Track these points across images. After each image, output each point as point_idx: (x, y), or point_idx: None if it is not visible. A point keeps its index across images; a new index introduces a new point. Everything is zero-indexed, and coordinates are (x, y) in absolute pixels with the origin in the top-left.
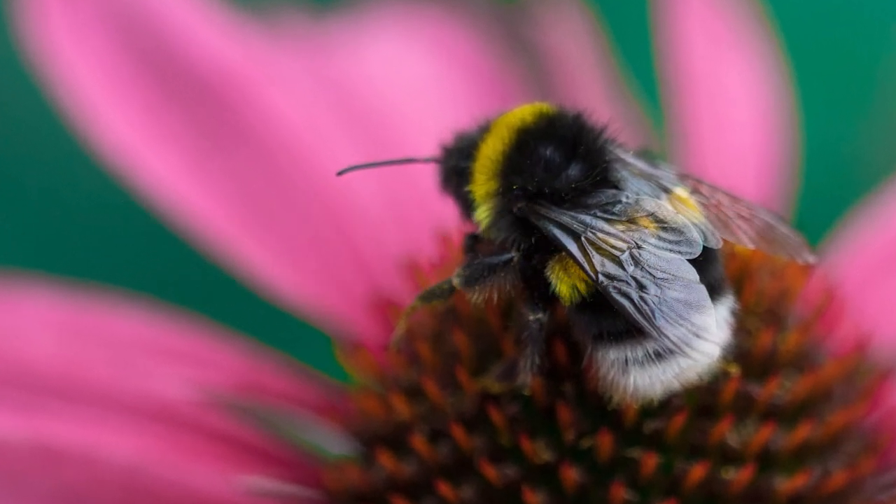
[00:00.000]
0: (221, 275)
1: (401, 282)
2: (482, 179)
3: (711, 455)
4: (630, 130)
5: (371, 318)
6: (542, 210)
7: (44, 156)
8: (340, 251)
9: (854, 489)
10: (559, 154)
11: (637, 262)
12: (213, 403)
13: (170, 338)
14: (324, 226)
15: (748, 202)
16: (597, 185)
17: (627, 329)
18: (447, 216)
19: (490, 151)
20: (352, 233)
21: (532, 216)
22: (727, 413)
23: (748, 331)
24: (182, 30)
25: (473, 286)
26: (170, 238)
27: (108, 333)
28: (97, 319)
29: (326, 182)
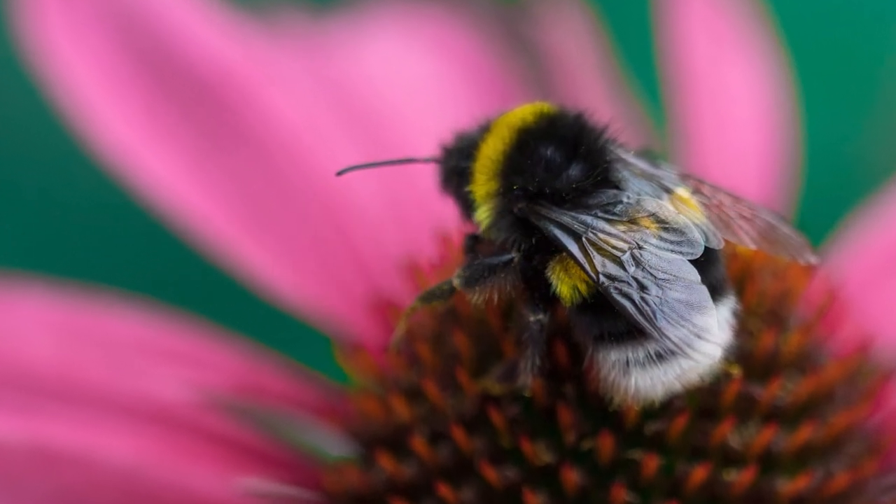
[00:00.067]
0: (220, 275)
1: (401, 282)
2: (482, 179)
3: (713, 457)
4: (631, 130)
5: (371, 319)
6: (543, 210)
7: (41, 156)
8: (340, 252)
9: (856, 491)
10: (560, 154)
11: (638, 263)
12: (212, 405)
13: (168, 339)
14: (323, 226)
15: (750, 202)
16: (598, 186)
17: (628, 330)
18: (447, 216)
19: (490, 151)
20: (351, 233)
21: (533, 216)
22: (729, 414)
23: (750, 332)
24: (181, 29)
25: (474, 287)
26: (168, 238)
27: (106, 334)
28: (95, 320)
29: (326, 182)
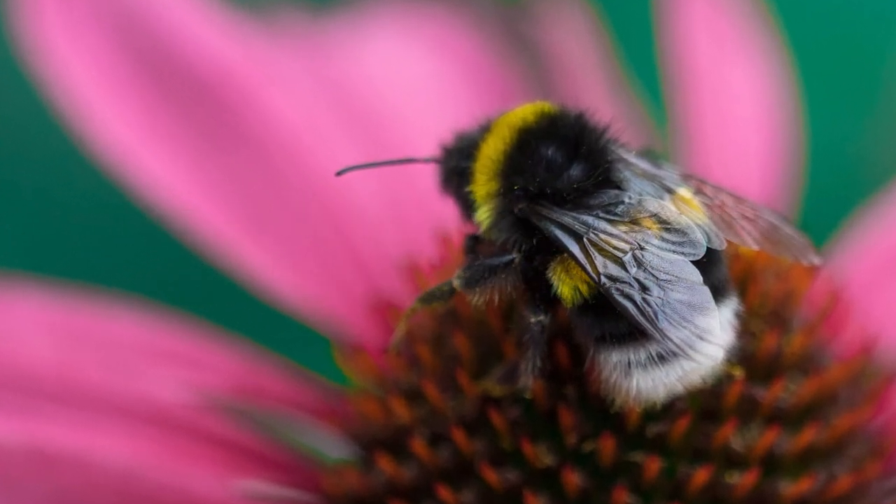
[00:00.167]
0: (219, 276)
1: (400, 283)
2: (483, 180)
3: (715, 459)
4: (633, 130)
5: (370, 321)
6: (544, 211)
7: (40, 155)
8: (339, 252)
9: (859, 493)
10: (561, 154)
11: (640, 264)
12: (210, 406)
13: (166, 340)
14: (323, 227)
15: (752, 203)
16: (599, 186)
17: (630, 331)
18: (447, 217)
19: (491, 151)
20: (351, 234)
21: (533, 217)
22: (731, 416)
23: (752, 333)
24: (180, 29)
25: (474, 288)
26: (167, 239)
27: (104, 335)
28: (93, 321)
29: (325, 182)
